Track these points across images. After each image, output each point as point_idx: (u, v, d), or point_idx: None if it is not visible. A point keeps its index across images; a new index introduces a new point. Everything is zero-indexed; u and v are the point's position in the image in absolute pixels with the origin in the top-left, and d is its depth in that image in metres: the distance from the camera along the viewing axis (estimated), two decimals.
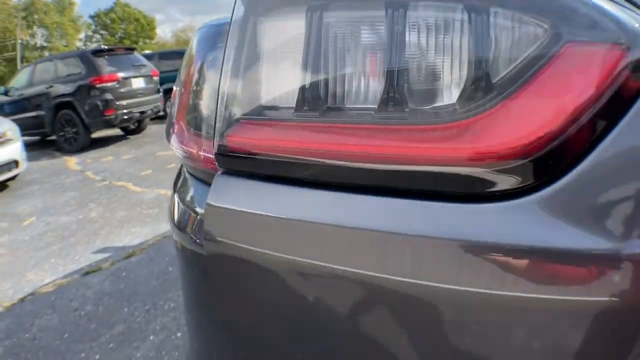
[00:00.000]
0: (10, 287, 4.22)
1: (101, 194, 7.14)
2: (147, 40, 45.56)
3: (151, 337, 3.15)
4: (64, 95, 10.75)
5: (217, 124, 0.95)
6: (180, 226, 1.11)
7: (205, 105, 1.06)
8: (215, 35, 1.12)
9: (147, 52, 18.93)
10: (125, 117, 10.75)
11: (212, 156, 0.97)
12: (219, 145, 0.94)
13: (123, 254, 4.69)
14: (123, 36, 44.95)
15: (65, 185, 7.89)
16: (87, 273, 4.32)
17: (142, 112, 11.11)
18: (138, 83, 11.08)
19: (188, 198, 1.14)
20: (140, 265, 4.37)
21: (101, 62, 10.71)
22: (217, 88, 0.96)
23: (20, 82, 12.18)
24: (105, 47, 11.53)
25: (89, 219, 6.00)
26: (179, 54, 14.80)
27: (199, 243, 1.00)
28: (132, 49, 12.44)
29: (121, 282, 4.07)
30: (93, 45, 43.67)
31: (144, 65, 11.54)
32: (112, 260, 4.57)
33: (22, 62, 31.75)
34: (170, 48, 37.55)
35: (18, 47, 34.66)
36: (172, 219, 1.17)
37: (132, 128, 12.17)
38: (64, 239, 5.36)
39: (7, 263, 4.82)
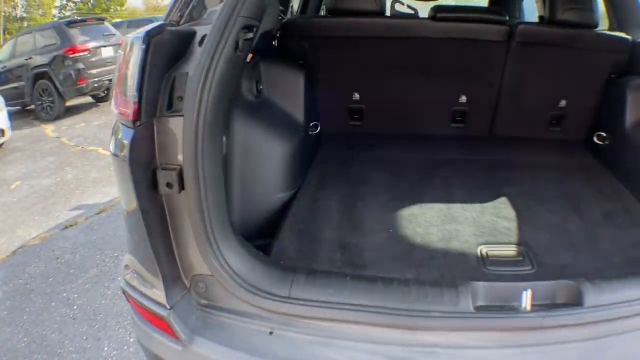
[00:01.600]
0: (3, 242, 4.89)
1: (75, 158, 7.73)
2: (118, 7, 44.48)
3: (119, 278, 3.83)
4: (41, 65, 10.98)
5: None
6: (115, 151, 1.70)
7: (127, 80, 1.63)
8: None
9: (116, 20, 18.89)
10: (96, 85, 11.11)
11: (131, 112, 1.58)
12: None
13: (95, 210, 5.37)
14: (95, 3, 43.80)
15: (44, 151, 8.41)
16: (65, 227, 4.99)
17: (110, 80, 11.28)
18: (107, 52, 11.35)
19: (120, 135, 1.69)
20: (109, 220, 5.05)
21: (74, 32, 11.01)
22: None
23: (3, 54, 12.30)
24: (78, 18, 11.74)
25: (65, 180, 6.63)
26: (148, 22, 14.91)
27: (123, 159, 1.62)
28: (102, 19, 12.70)
29: (94, 234, 4.74)
30: (68, 14, 42.47)
31: (113, 35, 11.78)
32: (86, 215, 5.25)
33: (4, 34, 30.92)
34: (140, 15, 36.87)
35: (1, 19, 33.64)
36: (111, 146, 1.76)
37: (102, 95, 12.29)
38: (46, 199, 6.00)
39: (0, 222, 5.46)
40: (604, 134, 3.14)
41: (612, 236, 2.35)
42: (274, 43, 2.75)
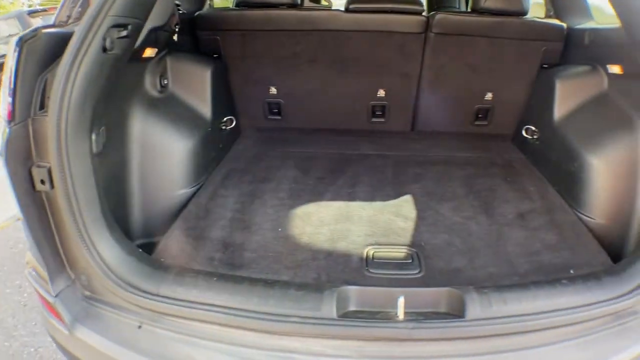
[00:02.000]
0: None
1: None
2: None
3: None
4: (3, 56, 10.75)
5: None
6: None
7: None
8: None
9: None
10: None
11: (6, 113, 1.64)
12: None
13: None
14: None
15: None
16: (19, 219, 4.98)
17: None
18: None
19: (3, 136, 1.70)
20: None
21: (35, 22, 10.77)
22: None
23: None
24: (40, 7, 11.53)
25: None
26: None
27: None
28: None
29: None
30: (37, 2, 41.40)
31: None
32: None
33: None
34: None
35: None
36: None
37: None
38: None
39: None
40: (533, 128, 3.07)
41: (521, 239, 2.29)
42: (174, 38, 2.67)
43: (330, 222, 2.38)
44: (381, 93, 3.35)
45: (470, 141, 3.40)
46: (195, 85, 2.80)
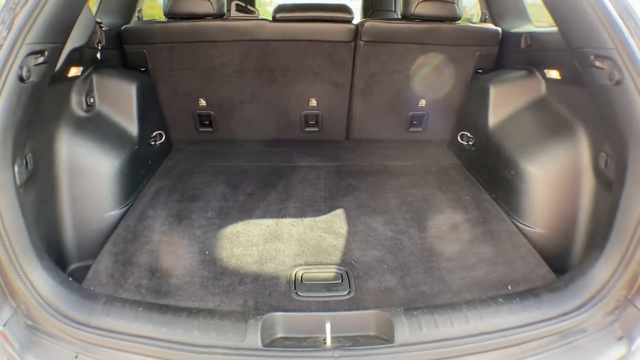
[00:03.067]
0: None
1: None
2: None
3: None
4: None
5: None
6: None
7: None
8: None
9: None
10: None
11: None
12: None
13: None
14: None
15: None
16: None
17: None
18: None
19: None
20: None
21: None
22: None
23: None
24: None
25: None
26: None
27: None
28: None
29: None
30: None
31: None
32: None
33: None
34: None
35: None
36: None
37: None
38: None
39: None
40: (468, 134, 3.00)
41: (455, 253, 2.22)
42: (97, 56, 2.57)
43: (259, 242, 2.29)
44: (313, 102, 3.26)
45: (405, 148, 3.33)
46: (122, 102, 2.68)
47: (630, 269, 1.73)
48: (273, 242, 2.29)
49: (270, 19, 3.06)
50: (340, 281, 2.02)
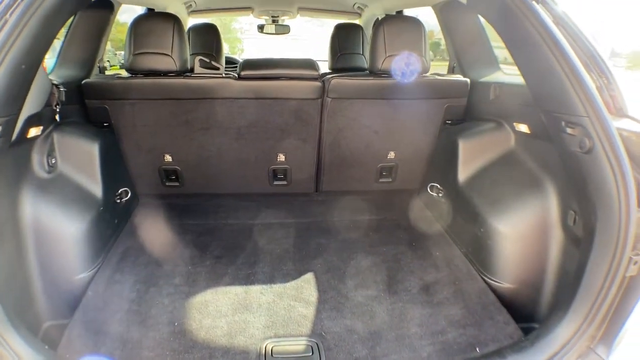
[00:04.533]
0: None
1: None
2: None
3: None
4: None
5: None
6: None
7: None
8: None
9: None
10: None
11: None
12: None
13: None
14: None
15: None
16: None
17: None
18: None
19: None
20: None
21: None
22: None
23: None
24: None
25: None
26: None
27: None
28: None
29: None
30: None
31: None
32: None
33: None
34: None
35: None
36: None
37: None
38: None
39: None
40: (438, 186, 2.96)
41: (425, 317, 2.18)
42: (56, 118, 2.46)
43: (227, 313, 2.19)
44: (281, 157, 3.17)
45: (375, 200, 3.28)
46: (84, 162, 2.57)
47: (595, 322, 1.75)
48: (242, 312, 2.21)
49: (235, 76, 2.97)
50: (310, 354, 1.95)
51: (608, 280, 1.75)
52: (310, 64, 2.96)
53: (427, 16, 3.51)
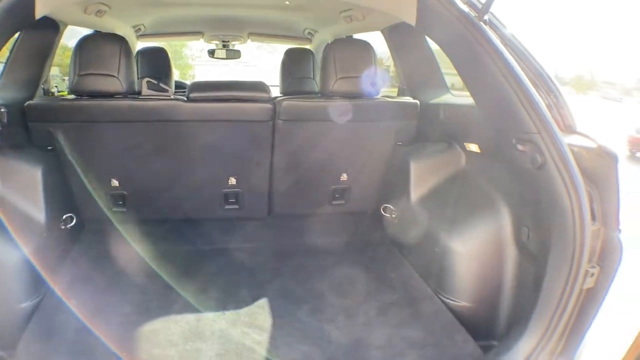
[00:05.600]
0: None
1: None
2: None
3: None
4: None
5: None
6: None
7: None
8: None
9: None
10: None
11: None
12: None
13: None
14: None
15: None
16: None
17: None
18: None
19: None
20: None
21: None
22: None
23: None
24: None
25: None
26: None
27: None
28: None
29: None
30: None
31: None
32: None
33: None
34: None
35: None
36: None
37: None
38: None
39: None
40: (391, 207, 2.93)
41: (384, 340, 2.13)
42: None
43: (178, 342, 2.08)
44: (232, 181, 3.09)
45: (329, 222, 3.22)
46: (26, 186, 2.44)
47: (555, 336, 1.75)
48: (194, 341, 2.09)
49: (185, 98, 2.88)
50: None
51: (565, 294, 1.74)
52: (261, 86, 2.91)
53: (377, 44, 3.54)
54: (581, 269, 1.73)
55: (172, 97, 2.84)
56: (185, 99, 2.84)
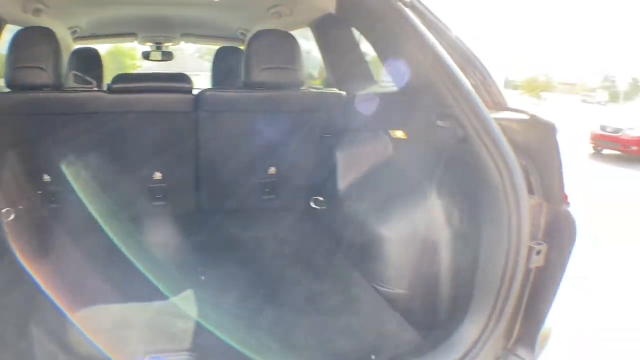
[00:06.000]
0: None
1: None
2: None
3: None
4: None
5: None
6: None
7: None
8: None
9: None
10: None
11: None
12: None
13: None
14: None
15: None
16: None
17: None
18: None
19: None
20: None
21: None
22: None
23: None
24: None
25: None
26: None
27: None
28: None
29: None
30: None
31: None
32: None
33: None
34: None
35: None
36: None
37: None
38: None
39: None
40: (321, 199, 2.91)
41: (314, 327, 2.10)
42: None
43: (106, 330, 2.07)
44: (157, 176, 3.03)
45: (259, 217, 3.18)
46: None
47: (503, 320, 1.66)
48: (121, 329, 2.09)
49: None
50: None
51: (507, 273, 1.64)
52: (182, 77, 2.89)
53: None
54: (522, 245, 1.63)
55: (95, 88, 2.83)
56: (107, 89, 2.81)
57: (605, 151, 14.58)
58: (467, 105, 1.72)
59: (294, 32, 3.05)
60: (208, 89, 2.97)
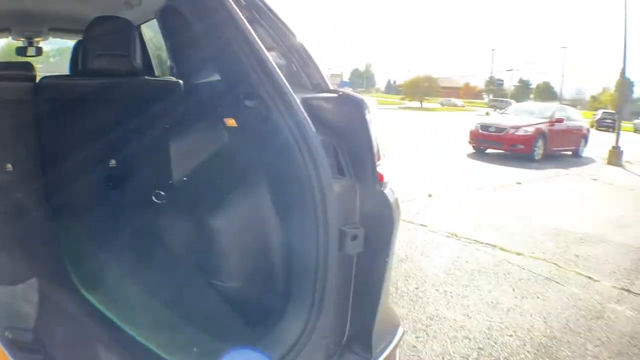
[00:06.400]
0: None
1: None
2: None
3: None
4: None
5: None
6: None
7: None
8: None
9: None
10: None
11: None
12: None
13: None
14: None
15: None
16: None
17: None
18: None
19: None
20: None
21: None
22: None
23: None
24: None
25: None
26: None
27: None
28: None
29: None
30: None
31: None
32: None
33: None
34: None
35: None
36: None
37: None
38: None
39: None
40: (162, 193, 2.80)
41: (145, 322, 2.03)
42: None
43: None
44: (9, 167, 2.86)
45: (105, 213, 2.99)
46: None
47: (325, 311, 1.58)
48: None
49: None
50: None
51: (321, 260, 1.55)
52: (25, 65, 2.79)
53: None
54: (330, 229, 1.55)
55: None
56: None
57: (490, 150, 15.06)
58: (270, 84, 1.67)
59: None
60: (46, 76, 2.81)
